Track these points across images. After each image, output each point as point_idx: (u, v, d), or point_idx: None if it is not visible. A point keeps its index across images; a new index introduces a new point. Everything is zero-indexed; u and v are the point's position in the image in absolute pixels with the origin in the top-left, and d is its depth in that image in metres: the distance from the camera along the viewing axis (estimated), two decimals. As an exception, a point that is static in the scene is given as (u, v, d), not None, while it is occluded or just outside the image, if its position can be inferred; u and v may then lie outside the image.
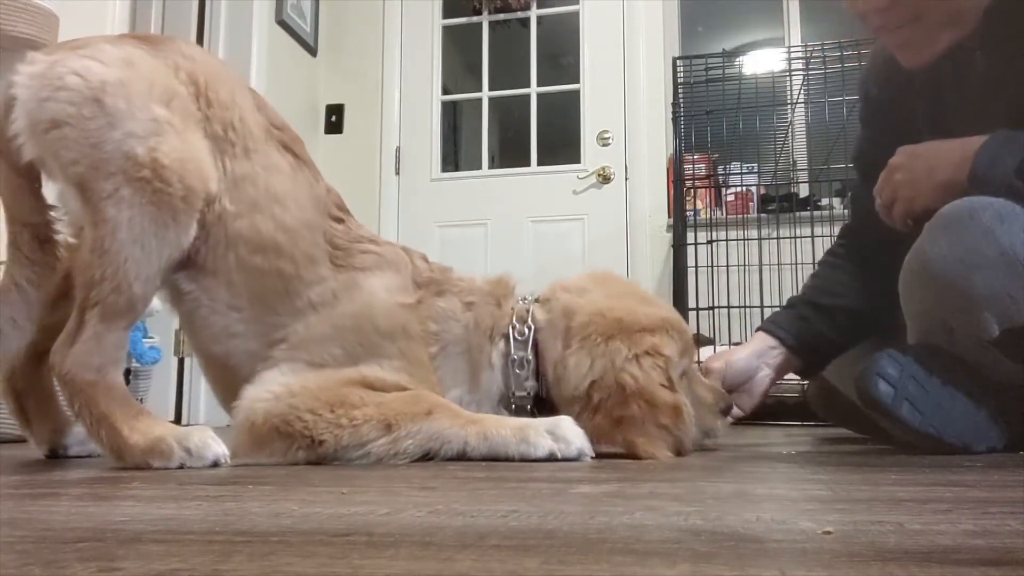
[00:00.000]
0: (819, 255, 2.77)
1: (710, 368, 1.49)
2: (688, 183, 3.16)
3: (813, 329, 1.49)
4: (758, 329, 1.58)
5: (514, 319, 1.29)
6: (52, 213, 1.19)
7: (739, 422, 1.54)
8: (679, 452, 1.23)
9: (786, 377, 1.60)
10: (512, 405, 1.28)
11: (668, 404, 1.21)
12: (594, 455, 1.14)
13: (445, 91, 4.21)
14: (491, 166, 4.36)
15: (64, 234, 1.21)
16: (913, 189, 1.31)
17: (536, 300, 1.34)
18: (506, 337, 1.28)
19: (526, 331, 1.28)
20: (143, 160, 1.07)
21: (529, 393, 1.28)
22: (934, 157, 1.28)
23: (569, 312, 1.28)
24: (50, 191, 1.20)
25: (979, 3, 1.15)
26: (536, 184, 3.95)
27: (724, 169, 3.48)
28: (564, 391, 1.24)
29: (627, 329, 1.23)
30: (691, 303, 2.78)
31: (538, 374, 1.28)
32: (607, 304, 1.28)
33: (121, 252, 1.06)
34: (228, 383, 1.22)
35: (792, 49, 3.02)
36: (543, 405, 1.28)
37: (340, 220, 1.29)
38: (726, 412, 1.40)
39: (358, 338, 1.19)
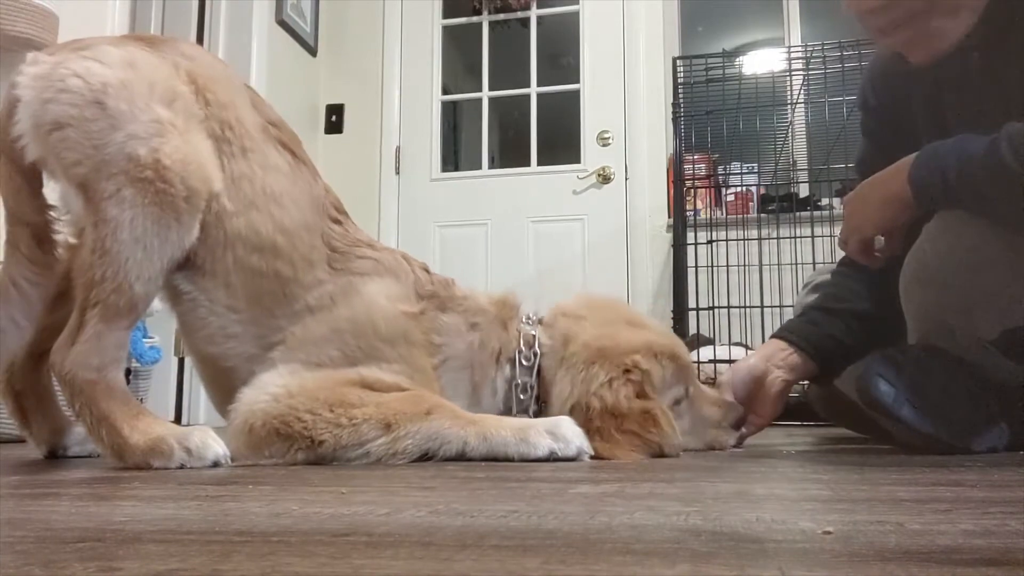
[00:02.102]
0: (819, 255, 2.79)
1: (720, 381, 1.49)
2: (688, 183, 3.16)
3: (824, 332, 1.49)
4: (770, 337, 1.58)
5: (521, 343, 1.31)
6: (51, 213, 1.19)
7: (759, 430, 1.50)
8: (658, 454, 1.23)
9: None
10: None
11: (635, 411, 1.22)
12: (593, 455, 1.15)
13: (445, 91, 4.21)
14: (491, 166, 4.36)
15: (63, 234, 1.21)
16: (861, 216, 1.33)
17: (540, 322, 1.35)
18: (512, 362, 1.30)
19: (532, 356, 1.30)
20: (145, 161, 1.07)
21: (531, 416, 1.28)
22: (874, 180, 1.31)
23: (567, 339, 1.31)
24: (50, 191, 1.20)
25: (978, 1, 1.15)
26: (536, 184, 3.95)
27: (724, 169, 3.47)
28: (551, 414, 1.25)
29: (608, 355, 1.26)
30: (691, 303, 2.77)
31: (539, 398, 1.30)
32: (596, 333, 1.30)
33: (122, 252, 1.06)
34: (223, 384, 1.22)
35: (792, 49, 3.01)
36: None
37: (338, 222, 1.29)
38: (737, 425, 1.40)
39: (357, 341, 1.19)
